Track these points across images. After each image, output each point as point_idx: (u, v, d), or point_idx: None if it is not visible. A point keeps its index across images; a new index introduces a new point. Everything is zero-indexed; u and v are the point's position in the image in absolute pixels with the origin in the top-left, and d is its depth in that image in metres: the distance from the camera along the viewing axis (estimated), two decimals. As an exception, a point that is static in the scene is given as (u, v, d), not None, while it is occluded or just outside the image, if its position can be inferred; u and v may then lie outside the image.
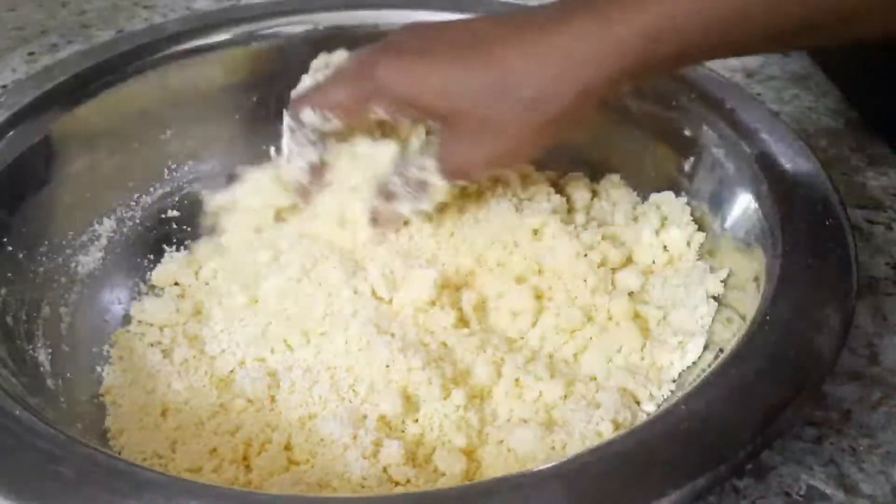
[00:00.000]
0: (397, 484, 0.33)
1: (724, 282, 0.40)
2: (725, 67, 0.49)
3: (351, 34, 0.52)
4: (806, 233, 0.36)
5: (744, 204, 0.40)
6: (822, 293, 0.33)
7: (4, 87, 0.60)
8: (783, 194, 0.38)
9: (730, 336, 0.36)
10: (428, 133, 0.42)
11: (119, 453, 0.35)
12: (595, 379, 0.38)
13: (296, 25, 0.51)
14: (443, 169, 0.39)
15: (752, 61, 0.65)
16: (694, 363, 0.38)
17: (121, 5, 0.72)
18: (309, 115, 0.40)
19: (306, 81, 0.42)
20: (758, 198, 0.39)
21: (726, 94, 0.44)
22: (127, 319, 0.42)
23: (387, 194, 0.41)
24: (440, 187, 0.40)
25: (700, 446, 0.28)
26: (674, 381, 0.38)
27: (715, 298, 0.40)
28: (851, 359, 0.39)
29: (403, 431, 0.35)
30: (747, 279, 0.38)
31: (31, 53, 0.65)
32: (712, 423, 0.29)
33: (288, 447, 0.35)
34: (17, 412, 0.30)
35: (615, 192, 0.47)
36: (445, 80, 0.36)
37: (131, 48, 0.48)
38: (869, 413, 0.37)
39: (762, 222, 0.38)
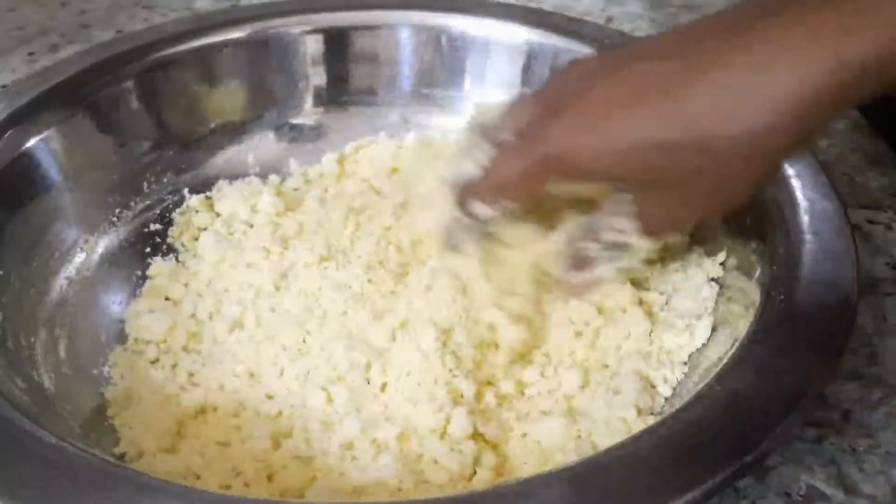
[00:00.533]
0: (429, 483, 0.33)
1: (723, 264, 0.40)
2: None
3: (352, 34, 0.52)
4: (806, 233, 0.36)
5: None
6: (823, 292, 0.33)
7: (4, 87, 0.60)
8: (783, 195, 0.38)
9: (736, 314, 0.37)
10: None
11: None
12: (608, 366, 0.38)
13: (295, 26, 0.51)
14: (646, 231, 0.34)
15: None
16: (704, 344, 0.38)
17: (121, 5, 0.72)
18: (480, 206, 0.35)
19: (466, 164, 0.36)
20: (758, 199, 0.39)
21: None
22: (122, 337, 0.41)
23: (580, 260, 0.37)
24: (643, 247, 0.36)
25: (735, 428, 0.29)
26: (684, 363, 0.38)
27: (715, 281, 0.40)
28: (851, 359, 0.39)
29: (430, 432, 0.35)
30: (746, 264, 0.39)
31: (31, 53, 0.65)
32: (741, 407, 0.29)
33: (310, 458, 0.34)
34: (27, 425, 0.29)
35: None
36: (635, 137, 0.30)
37: (130, 48, 0.48)
38: (869, 413, 0.37)
39: (761, 223, 0.38)
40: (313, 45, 0.51)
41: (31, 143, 0.42)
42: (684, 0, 0.74)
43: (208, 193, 0.48)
